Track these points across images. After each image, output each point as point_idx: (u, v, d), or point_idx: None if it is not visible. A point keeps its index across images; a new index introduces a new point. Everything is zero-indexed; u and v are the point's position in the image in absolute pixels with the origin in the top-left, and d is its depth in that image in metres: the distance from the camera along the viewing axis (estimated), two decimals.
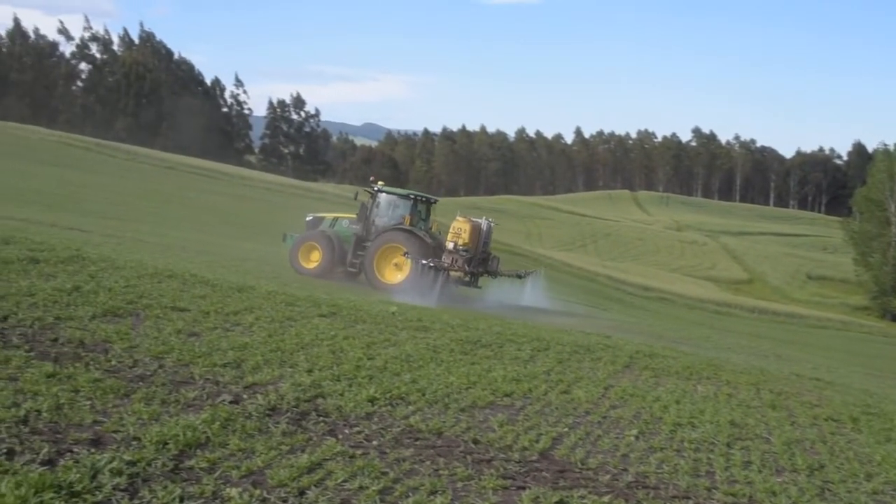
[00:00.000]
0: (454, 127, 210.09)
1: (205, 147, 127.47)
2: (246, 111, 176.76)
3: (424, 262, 24.82)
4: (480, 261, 26.43)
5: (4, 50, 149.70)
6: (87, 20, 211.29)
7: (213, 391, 7.95)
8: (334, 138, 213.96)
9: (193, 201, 47.02)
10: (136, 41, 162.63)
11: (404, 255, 25.51)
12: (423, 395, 9.18)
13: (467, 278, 26.32)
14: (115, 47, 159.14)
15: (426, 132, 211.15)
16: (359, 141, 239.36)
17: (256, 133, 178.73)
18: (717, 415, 10.54)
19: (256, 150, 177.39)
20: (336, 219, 28.06)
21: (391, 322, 14.03)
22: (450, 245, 25.53)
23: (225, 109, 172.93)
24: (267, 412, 7.58)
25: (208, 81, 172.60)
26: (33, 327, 8.96)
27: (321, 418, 7.75)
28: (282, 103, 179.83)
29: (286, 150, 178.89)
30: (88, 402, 6.94)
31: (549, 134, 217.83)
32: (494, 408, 9.30)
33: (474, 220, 26.46)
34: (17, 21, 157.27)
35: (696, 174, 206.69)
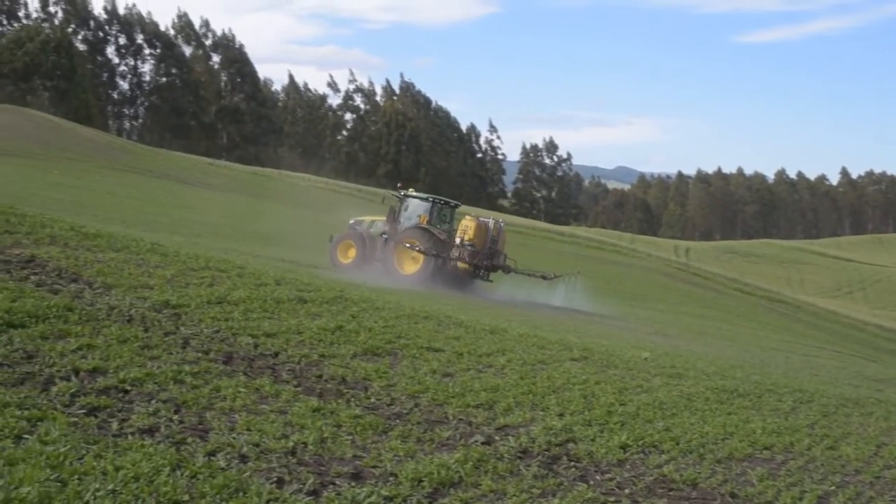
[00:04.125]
0: (709, 169, 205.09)
1: (460, 192, 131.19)
2: (500, 156, 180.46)
3: (408, 245, 29.01)
4: (487, 256, 29.75)
5: (280, 104, 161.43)
6: (351, 73, 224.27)
7: (466, 431, 8.08)
8: (586, 182, 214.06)
9: None
10: (397, 91, 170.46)
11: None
12: (677, 443, 8.92)
13: (472, 270, 29.65)
14: (377, 98, 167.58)
15: (680, 175, 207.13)
16: (611, 184, 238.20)
17: (510, 177, 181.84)
18: None
19: (509, 195, 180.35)
20: (373, 221, 31.69)
21: (643, 368, 13.75)
22: (457, 241, 29.40)
23: (479, 155, 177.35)
24: (518, 455, 7.61)
25: (464, 128, 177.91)
26: (300, 364, 9.45)
27: (572, 463, 7.69)
28: (535, 148, 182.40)
29: (538, 194, 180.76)
30: (349, 438, 7.23)
31: (811, 175, 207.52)
32: (753, 461, 8.88)
33: (481, 219, 30.73)
34: (291, 77, 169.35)
35: None
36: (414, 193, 31.42)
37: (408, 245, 29.04)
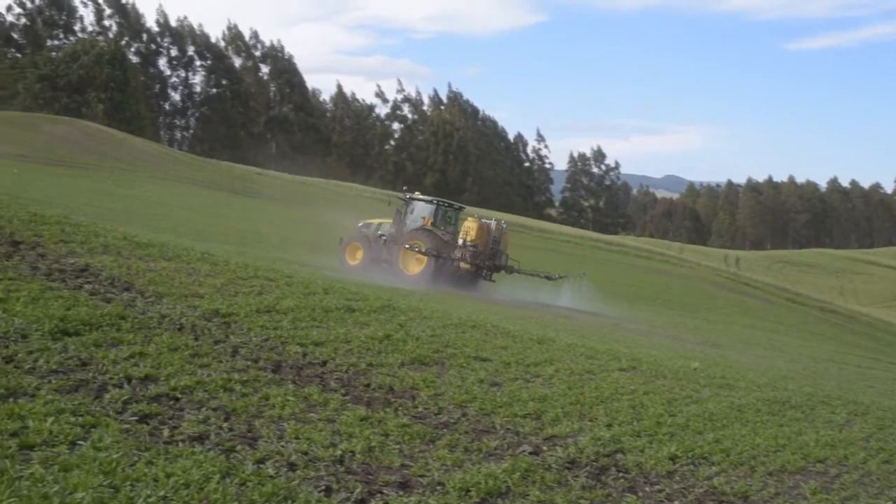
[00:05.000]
0: (760, 178, 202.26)
1: (507, 201, 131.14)
2: (547, 165, 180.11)
3: (407, 246, 30.07)
4: (489, 256, 30.85)
5: (328, 114, 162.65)
6: (399, 83, 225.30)
7: (513, 441, 8.05)
8: (634, 191, 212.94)
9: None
10: (445, 101, 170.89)
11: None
12: (728, 455, 8.81)
13: (475, 270, 30.84)
14: (425, 107, 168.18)
15: (730, 183, 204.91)
16: (659, 193, 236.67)
17: (557, 187, 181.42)
18: None
19: (557, 204, 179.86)
20: (380, 224, 32.67)
21: (693, 378, 13.61)
22: (460, 241, 30.68)
23: (527, 164, 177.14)
24: (566, 465, 7.56)
25: (511, 137, 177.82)
26: (348, 372, 9.49)
27: (621, 474, 7.63)
28: (582, 157, 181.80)
29: (586, 204, 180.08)
30: (397, 447, 7.24)
31: (865, 183, 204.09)
32: (806, 473, 8.74)
33: (484, 220, 31.75)
34: (339, 87, 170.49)
35: None
36: (419, 196, 32.60)
37: (407, 246, 30.17)
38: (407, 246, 30.19)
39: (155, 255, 14.33)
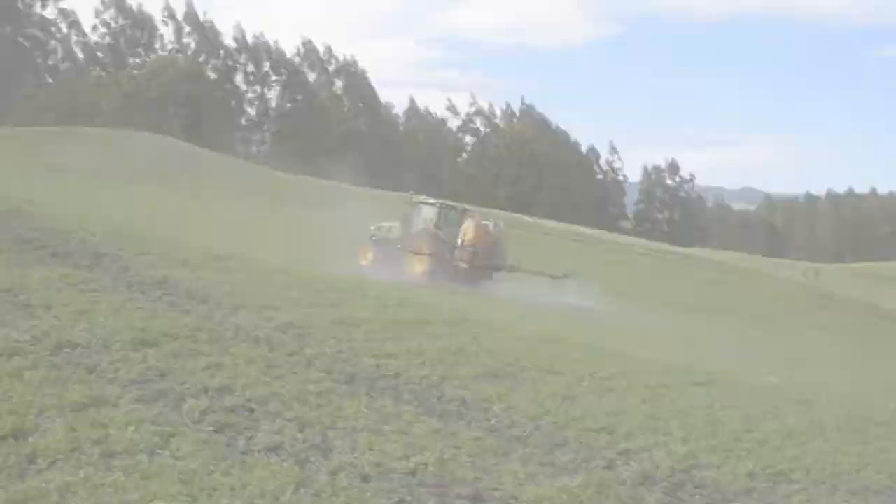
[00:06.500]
0: (840, 189, 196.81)
1: (580, 213, 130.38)
2: (620, 177, 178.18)
3: (399, 246, 32.03)
4: (487, 256, 32.11)
5: (401, 128, 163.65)
6: (472, 96, 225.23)
7: (586, 455, 7.98)
8: (710, 203, 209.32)
9: (565, 265, 47.94)
10: (517, 113, 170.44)
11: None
12: (808, 473, 8.59)
13: (473, 269, 31.74)
14: (497, 120, 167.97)
15: (808, 195, 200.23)
16: (736, 205, 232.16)
17: (630, 199, 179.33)
18: None
19: (630, 216, 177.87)
20: (391, 227, 34.24)
21: (771, 393, 13.34)
22: (458, 242, 31.77)
23: (600, 176, 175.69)
24: (641, 480, 7.47)
25: (584, 149, 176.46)
26: (421, 385, 9.50)
27: (697, 490, 7.51)
28: (657, 169, 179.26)
29: (660, 216, 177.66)
30: (470, 460, 7.22)
31: None
32: (891, 493, 8.48)
33: (482, 222, 33.26)
34: (412, 101, 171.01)
35: None
36: (423, 199, 35.10)
37: (399, 246, 32.22)
38: (399, 246, 32.09)
39: (231, 268, 14.58)
